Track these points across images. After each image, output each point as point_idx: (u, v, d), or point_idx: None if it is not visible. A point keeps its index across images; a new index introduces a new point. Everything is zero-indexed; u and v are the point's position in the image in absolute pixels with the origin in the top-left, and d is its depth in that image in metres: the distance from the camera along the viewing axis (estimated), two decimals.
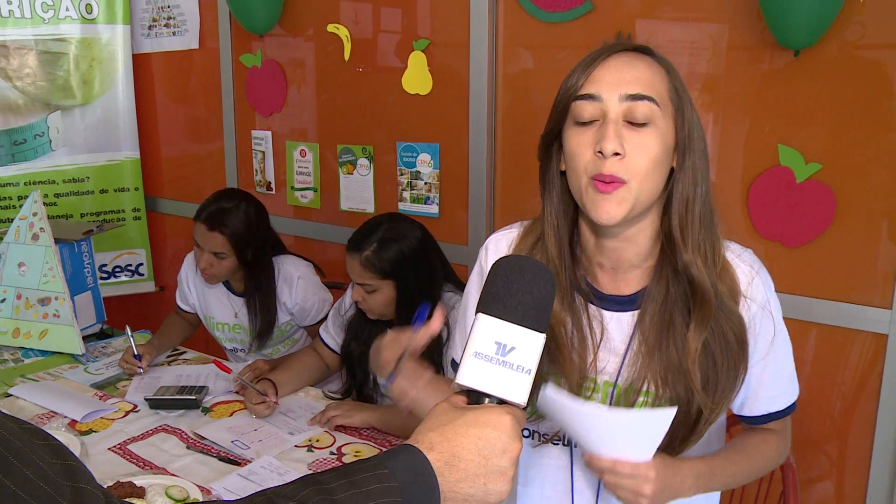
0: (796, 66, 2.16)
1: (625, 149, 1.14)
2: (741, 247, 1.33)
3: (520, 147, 2.72)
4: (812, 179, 2.17)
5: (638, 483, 1.14)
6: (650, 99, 1.16)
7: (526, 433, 1.36)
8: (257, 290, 2.59)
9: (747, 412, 1.37)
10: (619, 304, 1.29)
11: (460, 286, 2.23)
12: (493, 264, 0.91)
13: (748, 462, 1.35)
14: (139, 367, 2.41)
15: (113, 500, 0.65)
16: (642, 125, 1.16)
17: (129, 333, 2.45)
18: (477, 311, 0.89)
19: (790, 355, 1.36)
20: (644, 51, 1.22)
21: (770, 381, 1.33)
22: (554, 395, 1.11)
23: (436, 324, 1.24)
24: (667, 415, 1.10)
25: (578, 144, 1.18)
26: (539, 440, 1.35)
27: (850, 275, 2.18)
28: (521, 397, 0.87)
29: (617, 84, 1.16)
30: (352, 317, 2.35)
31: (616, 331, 1.29)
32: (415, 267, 2.13)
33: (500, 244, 1.39)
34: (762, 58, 2.22)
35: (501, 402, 0.87)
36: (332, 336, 2.42)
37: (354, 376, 2.32)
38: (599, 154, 1.15)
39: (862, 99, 2.09)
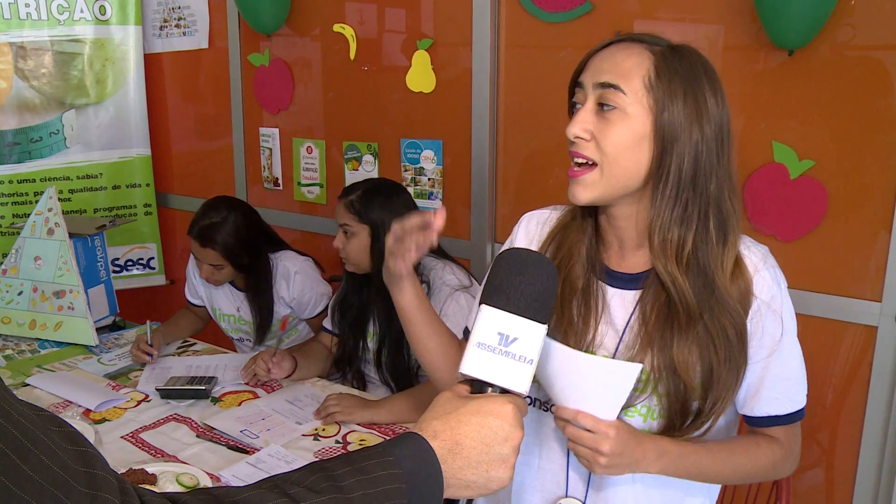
0: (790, 65, 2.19)
1: (592, 133, 1.22)
2: (754, 242, 1.34)
3: (521, 144, 2.76)
4: (805, 176, 2.20)
5: (597, 439, 1.16)
6: (616, 87, 1.20)
7: (528, 400, 1.39)
8: (254, 288, 2.65)
9: (748, 411, 1.35)
10: (624, 281, 1.33)
11: (441, 254, 2.32)
12: (496, 257, 0.94)
13: (730, 458, 1.33)
14: (149, 356, 2.45)
15: (126, 485, 0.65)
16: (610, 112, 1.21)
17: (149, 326, 2.50)
18: (480, 303, 0.91)
19: (798, 361, 1.35)
20: (642, 39, 1.25)
21: (772, 381, 1.32)
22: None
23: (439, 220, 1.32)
24: (633, 369, 1.13)
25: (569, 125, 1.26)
26: (540, 407, 1.38)
27: (842, 268, 2.21)
28: (522, 387, 0.89)
29: (595, 73, 1.23)
30: (339, 294, 2.44)
31: (618, 307, 1.33)
32: (391, 213, 2.21)
33: (531, 222, 1.47)
34: (757, 58, 2.25)
35: (504, 391, 0.89)
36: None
37: (345, 349, 2.40)
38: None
39: (853, 98, 2.12)
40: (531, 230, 1.45)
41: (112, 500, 0.62)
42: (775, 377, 1.32)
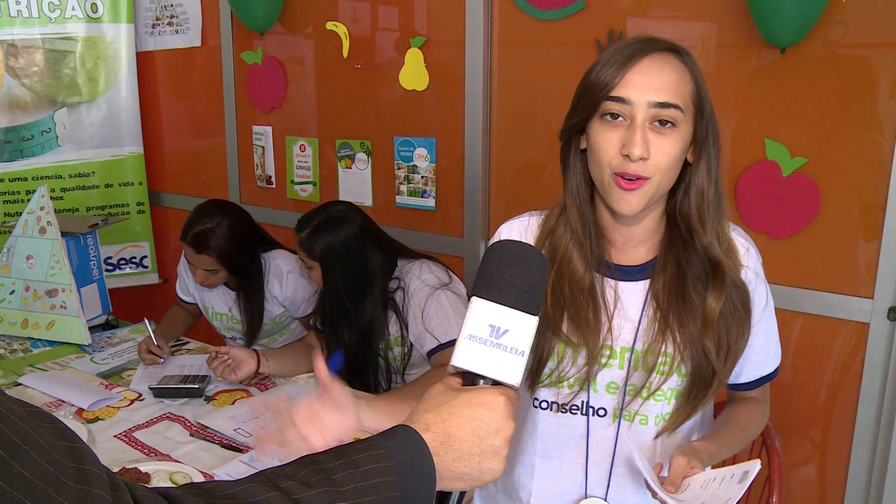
0: (782, 63, 2.20)
1: (650, 151, 1.23)
2: (732, 224, 1.41)
3: (514, 141, 2.76)
4: (798, 173, 2.21)
5: None
6: (676, 107, 1.23)
7: (545, 405, 1.42)
8: (246, 290, 2.64)
9: (741, 380, 1.47)
10: (631, 273, 1.38)
11: (415, 256, 2.35)
12: (487, 249, 0.93)
13: (744, 434, 1.46)
14: (160, 358, 2.44)
15: (116, 481, 0.65)
16: (667, 128, 1.24)
17: (147, 325, 2.49)
18: (471, 295, 0.90)
19: (775, 322, 1.46)
20: (674, 50, 1.28)
21: (761, 345, 1.43)
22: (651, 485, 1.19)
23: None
24: (752, 468, 1.18)
25: (605, 140, 1.25)
26: (558, 410, 1.41)
27: (834, 266, 2.22)
28: (514, 378, 0.88)
29: (647, 90, 1.23)
30: (320, 294, 2.44)
31: (630, 299, 1.37)
32: (341, 257, 2.26)
33: (511, 232, 1.46)
34: (750, 55, 2.26)
35: (496, 383, 0.88)
36: None
37: (330, 351, 2.40)
38: (626, 157, 1.23)
39: (845, 95, 2.13)
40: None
41: (103, 496, 0.61)
42: (764, 342, 1.44)
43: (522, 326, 0.88)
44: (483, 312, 0.89)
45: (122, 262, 3.88)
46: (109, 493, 0.62)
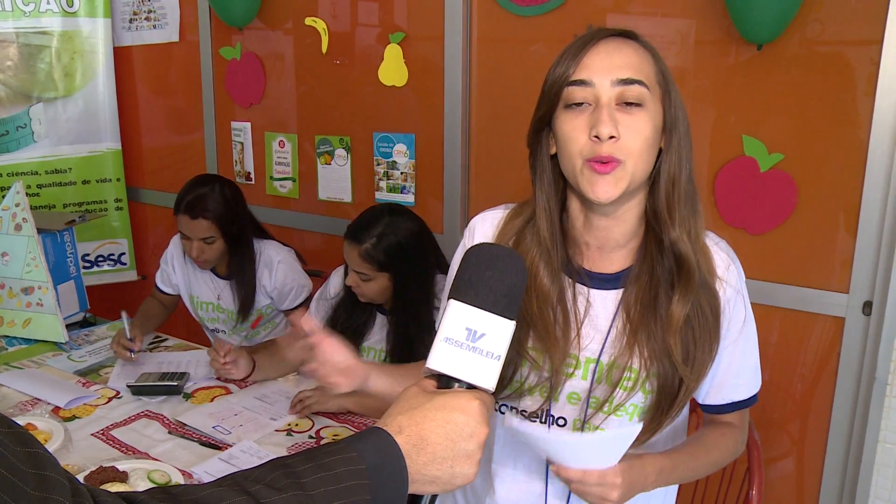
0: (760, 59, 2.22)
1: (619, 131, 1.17)
2: (717, 236, 1.36)
3: (494, 137, 2.76)
4: (775, 169, 2.23)
5: (605, 490, 1.17)
6: (640, 83, 1.18)
7: (504, 411, 1.38)
8: (238, 272, 2.63)
9: (711, 400, 1.39)
10: (604, 282, 1.31)
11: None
12: (466, 252, 0.92)
13: (708, 456, 1.38)
14: (131, 352, 2.40)
15: (78, 486, 0.63)
16: (634, 108, 1.19)
17: (125, 318, 2.46)
18: (449, 298, 0.89)
19: (756, 347, 1.40)
20: (630, 35, 1.24)
21: (736, 369, 1.36)
22: (518, 426, 1.15)
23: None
24: (632, 431, 1.13)
25: (573, 129, 1.20)
26: (515, 416, 1.36)
27: (811, 261, 2.24)
28: (489, 383, 0.87)
29: (608, 69, 1.18)
30: (340, 299, 2.38)
31: (600, 308, 1.31)
32: (409, 260, 2.17)
33: (485, 224, 1.42)
34: (727, 52, 2.27)
35: (471, 387, 0.87)
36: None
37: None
38: (595, 139, 1.17)
39: (821, 92, 2.14)
40: (487, 233, 1.41)
41: (63, 502, 0.60)
42: (739, 365, 1.37)
43: (499, 330, 0.88)
44: (460, 315, 0.88)
45: (100, 258, 3.85)
46: (70, 498, 0.61)
